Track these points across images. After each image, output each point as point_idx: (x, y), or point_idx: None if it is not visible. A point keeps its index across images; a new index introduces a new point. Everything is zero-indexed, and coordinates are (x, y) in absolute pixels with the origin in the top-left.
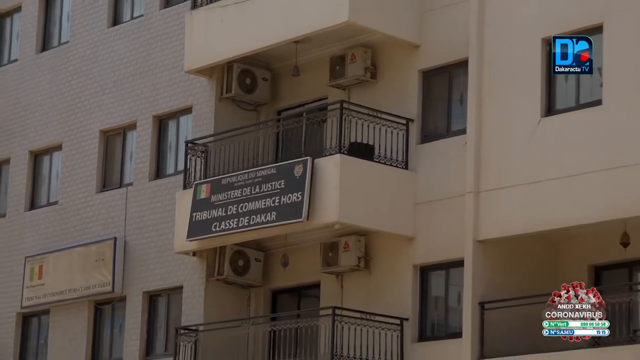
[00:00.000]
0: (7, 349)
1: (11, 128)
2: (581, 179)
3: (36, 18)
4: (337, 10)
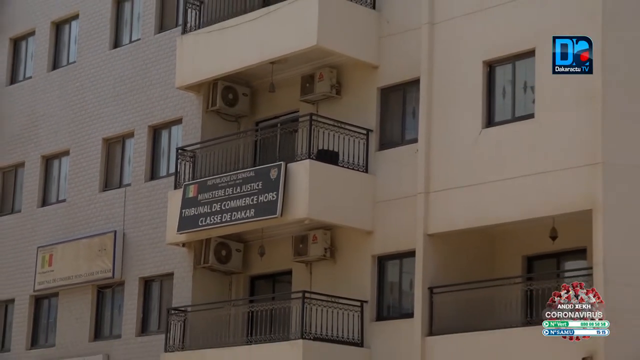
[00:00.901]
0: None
1: (26, 136)
2: (515, 182)
3: (48, 41)
4: (307, 36)
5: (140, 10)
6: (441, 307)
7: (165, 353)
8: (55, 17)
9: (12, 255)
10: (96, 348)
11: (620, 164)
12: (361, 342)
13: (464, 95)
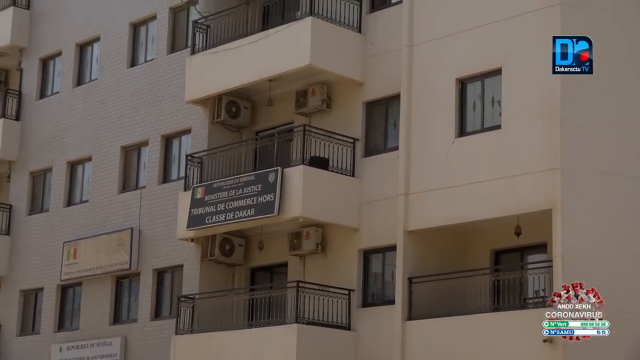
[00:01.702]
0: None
1: (53, 144)
2: (484, 185)
3: (73, 61)
4: (300, 56)
5: (154, 33)
6: (419, 295)
7: (176, 335)
8: (79, 39)
9: (41, 249)
10: (115, 331)
11: (576, 169)
12: (349, 326)
13: (439, 109)
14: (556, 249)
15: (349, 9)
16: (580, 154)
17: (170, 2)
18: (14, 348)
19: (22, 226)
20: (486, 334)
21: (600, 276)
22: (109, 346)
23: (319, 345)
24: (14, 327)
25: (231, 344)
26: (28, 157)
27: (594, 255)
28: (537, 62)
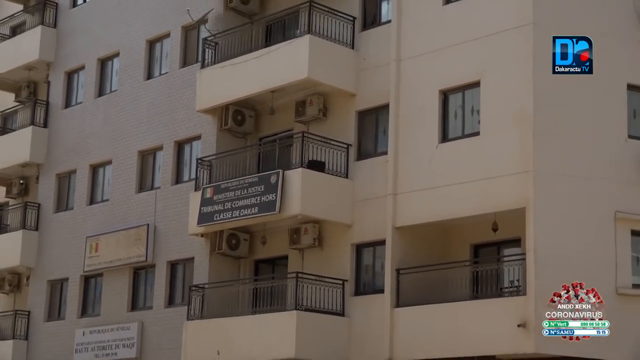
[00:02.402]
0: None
1: (77, 149)
2: (465, 186)
3: (95, 74)
4: (299, 70)
5: (168, 49)
6: (406, 284)
7: (187, 321)
8: (100, 54)
9: (66, 243)
10: (132, 317)
11: (547, 172)
12: (342, 313)
13: (423, 117)
14: (529, 243)
15: (343, 27)
16: (550, 159)
17: (182, 22)
18: (41, 332)
19: (49, 223)
20: (466, 320)
21: (568, 268)
22: (127, 330)
23: (315, 330)
24: (41, 313)
25: (237, 329)
26: (55, 160)
27: (563, 249)
28: (512, 75)
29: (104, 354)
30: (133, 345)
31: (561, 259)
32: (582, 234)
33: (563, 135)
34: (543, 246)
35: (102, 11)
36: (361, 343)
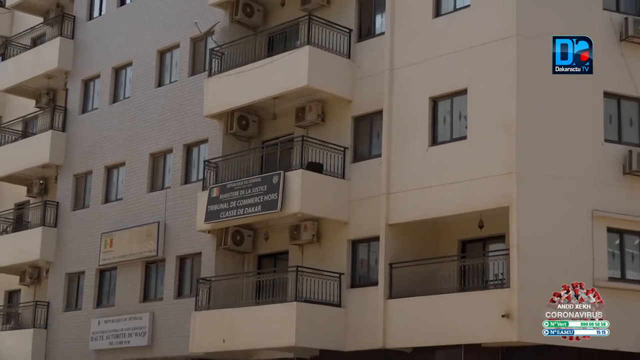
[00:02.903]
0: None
1: (93, 151)
2: (453, 186)
3: (109, 82)
4: (300, 78)
5: (177, 59)
6: (398, 278)
7: (195, 311)
8: (115, 64)
9: (82, 239)
10: (144, 307)
11: (529, 173)
12: (339, 304)
13: (415, 122)
14: (512, 240)
15: (340, 38)
16: (532, 161)
17: (191, 33)
18: (60, 322)
19: (67, 220)
20: (454, 311)
21: (549, 262)
22: (140, 320)
23: (314, 320)
24: (60, 304)
25: (241, 319)
26: (72, 162)
27: (544, 244)
28: (497, 83)
29: (118, 342)
30: (145, 333)
31: (542, 254)
32: (561, 230)
33: (544, 139)
34: (525, 242)
35: (116, 24)
36: (356, 332)
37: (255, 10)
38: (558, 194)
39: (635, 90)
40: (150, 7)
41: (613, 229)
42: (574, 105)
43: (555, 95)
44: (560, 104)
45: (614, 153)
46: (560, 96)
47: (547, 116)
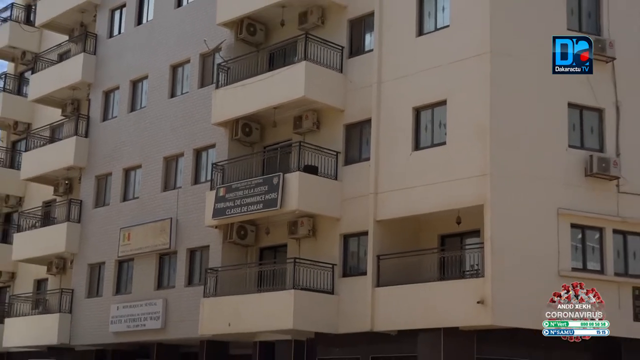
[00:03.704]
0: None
1: (113, 155)
2: (434, 186)
3: (127, 93)
4: (297, 90)
5: (188, 73)
6: (385, 268)
7: (204, 298)
8: (132, 77)
9: (103, 233)
10: (158, 294)
11: (502, 175)
12: (332, 291)
13: (399, 130)
14: (486, 234)
15: (333, 55)
16: (504, 164)
17: (200, 50)
18: (83, 307)
19: (90, 216)
20: (434, 297)
21: (518, 254)
22: (154, 306)
23: (310, 306)
24: (83, 291)
25: (245, 305)
26: (94, 164)
27: (514, 238)
28: (473, 95)
29: (135, 325)
30: (159, 317)
31: (513, 247)
32: (530, 226)
33: (515, 144)
34: (498, 236)
35: (133, 41)
36: (348, 316)
37: (257, 30)
38: (527, 194)
39: (595, 101)
40: (164, 26)
41: (576, 225)
42: (542, 115)
43: (525, 106)
44: (529, 114)
45: (576, 157)
46: (529, 106)
47: (517, 124)
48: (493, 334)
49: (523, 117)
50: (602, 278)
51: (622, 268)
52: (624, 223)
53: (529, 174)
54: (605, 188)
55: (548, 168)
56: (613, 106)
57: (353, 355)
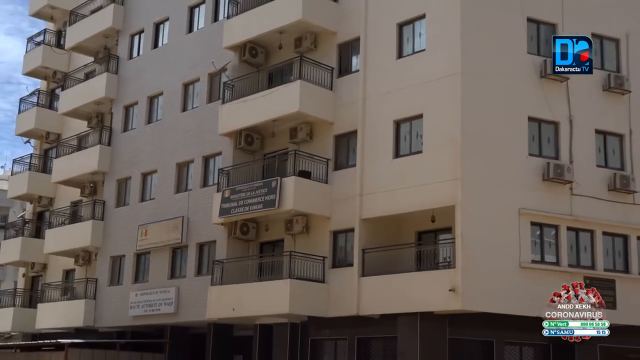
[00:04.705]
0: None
1: (132, 161)
2: (411, 189)
3: (145, 107)
4: (293, 105)
5: (198, 90)
6: (369, 260)
7: (211, 286)
8: (149, 93)
9: (123, 229)
10: (171, 283)
11: (471, 179)
12: (323, 280)
13: (382, 140)
14: (457, 231)
15: (324, 74)
16: (473, 169)
17: (209, 70)
18: (106, 294)
19: (112, 215)
20: (412, 286)
21: (485, 248)
22: (167, 293)
23: (303, 293)
24: (106, 280)
25: (247, 292)
26: (116, 169)
27: (482, 234)
28: (446, 110)
29: (151, 310)
30: (172, 303)
31: (480, 242)
32: (495, 224)
33: (482, 153)
34: (467, 233)
35: (150, 62)
36: (336, 302)
37: (258, 52)
38: (493, 196)
39: (552, 116)
40: (177, 49)
41: (535, 222)
42: (505, 127)
43: (491, 119)
44: (495, 126)
45: (535, 164)
46: (494, 120)
47: (484, 135)
48: (463, 318)
49: (489, 129)
50: (557, 269)
51: (575, 260)
52: (576, 221)
53: (494, 179)
54: (560, 191)
55: (511, 173)
56: (567, 120)
57: (341, 336)
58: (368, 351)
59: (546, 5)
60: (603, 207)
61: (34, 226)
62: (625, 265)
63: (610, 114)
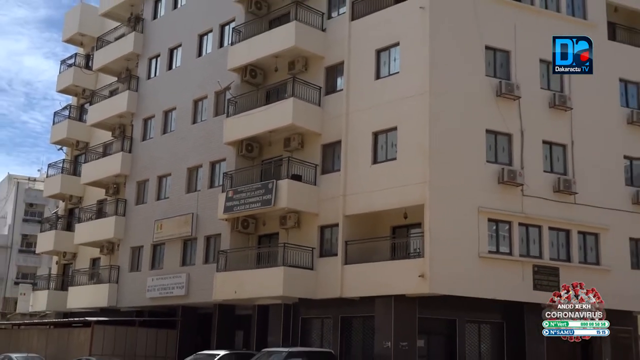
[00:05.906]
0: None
1: (148, 166)
2: (387, 190)
3: (161, 120)
4: (287, 119)
5: (206, 105)
6: (351, 251)
7: (217, 272)
8: (164, 108)
9: (142, 224)
10: (183, 270)
11: (437, 182)
12: (312, 268)
13: (362, 148)
14: (426, 226)
15: (314, 93)
16: (439, 174)
17: (215, 89)
18: (127, 279)
19: (132, 211)
20: (388, 272)
21: (449, 241)
22: (179, 278)
23: (295, 278)
24: (127, 267)
25: (247, 278)
26: (135, 173)
27: (446, 229)
28: (416, 124)
29: (165, 292)
30: (183, 287)
31: (445, 235)
32: (458, 220)
33: (447, 160)
34: (435, 227)
35: (165, 82)
36: (323, 286)
37: (258, 74)
38: (456, 196)
39: (506, 128)
40: (188, 71)
41: (491, 219)
42: (466, 138)
43: (455, 132)
44: (458, 138)
45: (492, 170)
46: (458, 132)
47: (449, 145)
48: (430, 300)
49: (453, 140)
50: (510, 258)
51: (525, 251)
52: (526, 218)
53: (457, 182)
54: (513, 192)
55: (471, 177)
56: (519, 132)
57: (327, 315)
58: (350, 328)
59: (501, 35)
60: (549, 206)
61: (66, 221)
62: (568, 255)
63: (555, 127)
